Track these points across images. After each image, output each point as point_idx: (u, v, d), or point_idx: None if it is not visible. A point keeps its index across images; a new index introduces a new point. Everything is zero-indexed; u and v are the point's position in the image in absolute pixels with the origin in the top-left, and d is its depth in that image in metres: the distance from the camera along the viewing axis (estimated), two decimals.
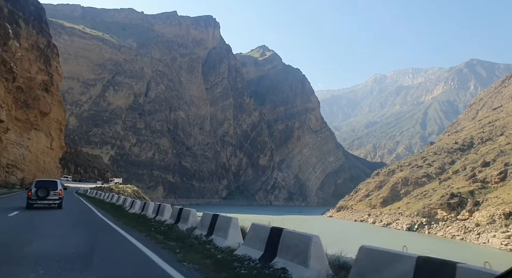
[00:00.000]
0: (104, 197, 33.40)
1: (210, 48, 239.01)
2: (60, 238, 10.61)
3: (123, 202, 24.83)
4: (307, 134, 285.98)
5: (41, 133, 60.31)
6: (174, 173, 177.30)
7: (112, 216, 17.90)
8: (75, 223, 15.19)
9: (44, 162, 61.87)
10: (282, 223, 66.55)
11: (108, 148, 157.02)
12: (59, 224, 14.97)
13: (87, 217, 18.27)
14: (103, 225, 14.52)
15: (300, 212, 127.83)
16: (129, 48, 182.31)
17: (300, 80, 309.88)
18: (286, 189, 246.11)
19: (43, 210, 18.88)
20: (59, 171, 75.72)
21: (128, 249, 9.21)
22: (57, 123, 69.71)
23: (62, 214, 18.57)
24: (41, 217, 16.28)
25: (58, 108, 68.54)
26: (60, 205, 20.32)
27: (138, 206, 19.78)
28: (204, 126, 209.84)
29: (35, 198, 19.28)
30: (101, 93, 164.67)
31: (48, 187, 19.81)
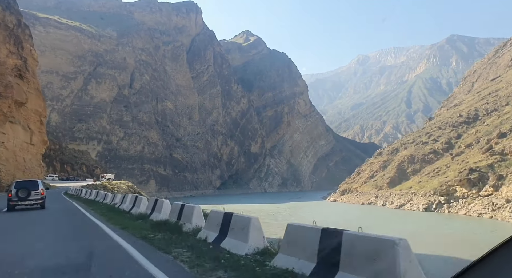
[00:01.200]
0: (113, 201, 23.26)
1: (193, 35, 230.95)
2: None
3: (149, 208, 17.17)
4: (296, 118, 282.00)
5: (18, 127, 53.23)
6: (165, 166, 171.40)
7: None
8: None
9: (24, 160, 55.22)
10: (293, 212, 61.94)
11: (95, 143, 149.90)
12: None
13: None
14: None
15: (299, 198, 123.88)
16: (109, 38, 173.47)
17: (287, 64, 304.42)
18: (279, 176, 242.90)
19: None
20: (42, 170, 68.92)
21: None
22: (36, 114, 62.02)
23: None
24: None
25: (36, 98, 61.22)
26: (43, 206, 19.69)
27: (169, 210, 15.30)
28: (193, 116, 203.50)
29: (16, 199, 18.53)
30: (83, 87, 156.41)
31: (29, 187, 19.06)
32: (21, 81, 53.17)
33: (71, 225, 13.87)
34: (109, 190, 52.77)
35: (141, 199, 17.54)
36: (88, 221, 14.64)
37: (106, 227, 12.16)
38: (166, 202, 14.04)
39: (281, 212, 64.28)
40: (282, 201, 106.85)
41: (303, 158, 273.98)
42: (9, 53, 52.81)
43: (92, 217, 15.68)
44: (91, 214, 17.03)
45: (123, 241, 9.18)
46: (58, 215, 17.78)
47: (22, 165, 54.02)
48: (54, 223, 14.58)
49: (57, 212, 19.35)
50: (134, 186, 68.52)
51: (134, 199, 18.37)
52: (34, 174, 56.06)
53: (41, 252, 8.14)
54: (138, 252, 7.72)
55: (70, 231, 12.34)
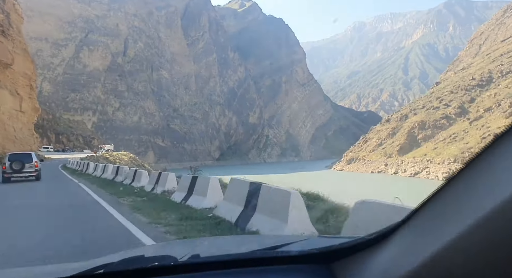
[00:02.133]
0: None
1: (187, 0, 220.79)
2: None
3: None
4: (294, 88, 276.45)
5: (5, 92, 48.06)
6: (163, 137, 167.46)
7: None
8: None
9: (14, 129, 50.16)
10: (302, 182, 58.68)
11: (90, 114, 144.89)
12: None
13: None
14: None
15: (302, 168, 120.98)
16: (100, 3, 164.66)
17: (284, 30, 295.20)
18: (278, 146, 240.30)
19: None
20: (36, 141, 63.63)
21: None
22: (25, 78, 56.19)
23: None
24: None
25: (23, 59, 55.19)
26: (38, 177, 19.66)
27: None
28: (189, 85, 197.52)
29: (10, 172, 18.75)
30: (75, 54, 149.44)
31: (23, 160, 19.20)
32: (4, 39, 46.86)
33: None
34: (111, 162, 49.03)
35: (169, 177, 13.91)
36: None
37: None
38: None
39: (294, 183, 61.00)
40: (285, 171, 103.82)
41: (302, 128, 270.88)
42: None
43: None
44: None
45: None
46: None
47: (12, 134, 48.95)
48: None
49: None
50: (135, 157, 64.82)
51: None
52: (27, 145, 51.82)
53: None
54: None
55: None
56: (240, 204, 7.17)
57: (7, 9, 52.33)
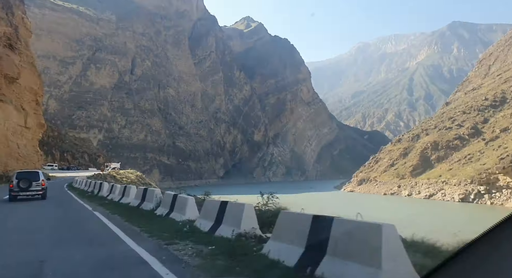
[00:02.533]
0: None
1: (194, 20, 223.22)
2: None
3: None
4: (300, 106, 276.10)
5: (9, 107, 45.81)
6: (169, 155, 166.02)
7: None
8: None
9: (17, 146, 47.55)
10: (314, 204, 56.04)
11: (95, 131, 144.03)
12: None
13: None
14: None
15: (311, 188, 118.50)
16: (108, 21, 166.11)
17: (289, 50, 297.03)
18: (283, 164, 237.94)
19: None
20: (40, 158, 60.37)
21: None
22: (31, 93, 54.11)
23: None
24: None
25: (30, 73, 53.45)
26: (44, 196, 19.86)
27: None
28: (195, 103, 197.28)
29: (17, 190, 18.89)
30: (82, 72, 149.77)
31: (30, 178, 19.35)
32: (11, 53, 45.12)
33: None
34: (118, 180, 47.33)
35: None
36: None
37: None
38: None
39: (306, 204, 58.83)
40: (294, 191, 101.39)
41: (307, 147, 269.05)
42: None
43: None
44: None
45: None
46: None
47: (16, 151, 46.52)
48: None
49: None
50: (142, 175, 63.16)
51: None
52: (30, 162, 49.93)
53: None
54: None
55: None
56: (302, 244, 5.55)
57: (16, 22, 50.91)
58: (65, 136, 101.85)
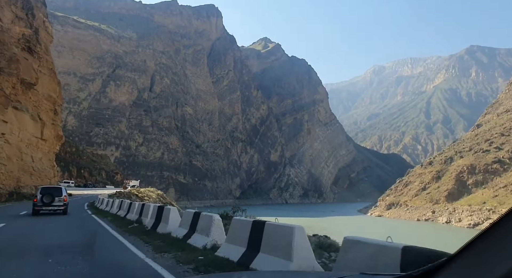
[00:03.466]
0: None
1: (213, 40, 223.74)
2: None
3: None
4: (317, 127, 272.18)
5: (25, 116, 41.32)
6: (185, 174, 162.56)
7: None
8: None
9: (32, 160, 42.25)
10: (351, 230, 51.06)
11: (113, 149, 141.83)
12: None
13: None
14: None
15: (333, 211, 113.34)
16: (129, 39, 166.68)
17: (306, 70, 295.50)
18: (300, 186, 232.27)
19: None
20: (56, 174, 54.97)
21: None
22: (50, 101, 49.19)
23: None
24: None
25: (49, 80, 48.99)
26: (65, 211, 20.10)
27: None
28: (213, 122, 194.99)
29: (40, 204, 19.30)
30: (101, 89, 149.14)
31: (53, 193, 19.76)
32: (29, 56, 41.06)
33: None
34: (140, 199, 43.65)
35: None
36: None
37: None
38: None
39: (342, 230, 54.15)
40: (316, 215, 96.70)
41: (324, 168, 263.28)
42: (15, 18, 41.71)
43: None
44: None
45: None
46: None
47: (29, 165, 41.55)
48: None
49: None
50: (163, 194, 59.46)
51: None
52: (45, 178, 45.09)
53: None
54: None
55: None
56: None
57: (36, 25, 47.18)
58: (83, 152, 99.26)
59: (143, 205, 17.73)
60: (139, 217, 16.68)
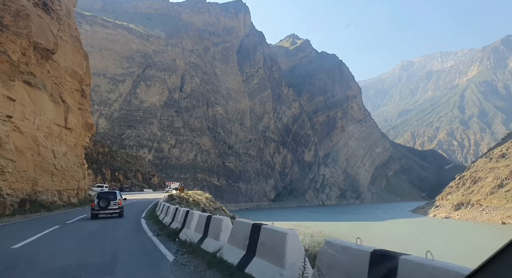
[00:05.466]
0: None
1: (242, 37, 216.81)
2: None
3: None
4: (350, 124, 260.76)
5: (42, 95, 30.56)
6: (219, 176, 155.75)
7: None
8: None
9: (53, 155, 31.51)
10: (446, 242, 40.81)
11: (145, 151, 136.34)
12: None
13: None
14: None
15: (386, 213, 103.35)
16: (158, 38, 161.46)
17: (338, 66, 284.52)
18: (336, 187, 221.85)
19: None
20: (86, 174, 43.26)
21: None
22: (75, 79, 38.44)
23: None
24: None
25: (73, 50, 38.31)
26: (120, 214, 20.43)
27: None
28: (244, 122, 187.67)
29: (98, 209, 19.92)
30: (132, 90, 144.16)
31: (108, 198, 20.30)
32: (45, 15, 31.03)
33: None
34: (192, 204, 36.15)
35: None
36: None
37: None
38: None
39: (434, 244, 44.76)
40: (369, 218, 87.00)
41: (360, 167, 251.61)
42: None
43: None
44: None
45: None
46: None
47: (50, 162, 30.54)
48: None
49: None
50: (212, 198, 52.13)
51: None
52: (71, 179, 34.79)
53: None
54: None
55: None
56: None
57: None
58: (116, 153, 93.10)
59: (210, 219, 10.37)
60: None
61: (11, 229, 15.95)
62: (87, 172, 75.65)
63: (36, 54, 29.24)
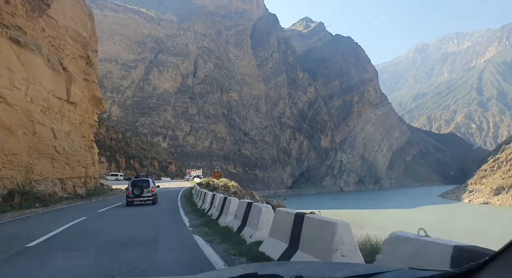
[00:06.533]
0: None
1: (255, 20, 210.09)
2: None
3: None
4: (367, 108, 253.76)
5: (37, 59, 24.30)
6: (235, 163, 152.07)
7: None
8: None
9: (53, 134, 25.43)
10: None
11: (160, 139, 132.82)
12: None
13: None
14: None
15: (414, 199, 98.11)
16: (170, 22, 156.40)
17: (353, 49, 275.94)
18: (354, 172, 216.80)
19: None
20: (96, 160, 36.48)
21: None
22: (78, 43, 32.31)
23: None
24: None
25: (75, 8, 32.66)
26: (154, 201, 20.80)
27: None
28: (259, 108, 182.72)
29: (132, 196, 20.25)
30: (144, 76, 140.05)
31: (142, 185, 20.48)
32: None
33: None
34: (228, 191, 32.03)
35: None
36: None
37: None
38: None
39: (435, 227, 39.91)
40: (398, 205, 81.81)
41: (378, 152, 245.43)
42: None
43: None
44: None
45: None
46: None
47: (49, 144, 24.58)
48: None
49: None
50: (238, 186, 48.06)
51: None
52: (77, 165, 28.76)
53: None
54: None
55: None
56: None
57: None
58: (130, 140, 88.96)
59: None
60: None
61: None
62: (100, 159, 70.67)
63: (25, 4, 22.93)
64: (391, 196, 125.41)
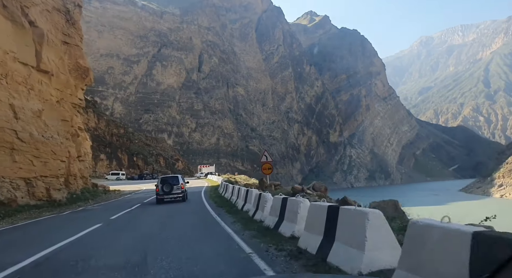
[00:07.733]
0: None
1: (259, 13, 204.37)
2: None
3: None
4: (375, 102, 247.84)
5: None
6: (243, 160, 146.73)
7: None
8: None
9: (14, 114, 18.36)
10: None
11: (165, 136, 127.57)
12: None
13: None
14: None
15: (436, 195, 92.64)
16: (172, 15, 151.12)
17: (360, 42, 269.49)
18: (364, 168, 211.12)
19: None
20: (86, 152, 29.73)
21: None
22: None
23: None
24: None
25: None
26: (184, 198, 20.61)
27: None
28: (266, 102, 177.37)
29: (162, 194, 20.01)
30: (147, 71, 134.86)
31: (171, 182, 20.35)
32: None
33: None
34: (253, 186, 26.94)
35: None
36: None
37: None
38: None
39: None
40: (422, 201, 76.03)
41: (387, 147, 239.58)
42: None
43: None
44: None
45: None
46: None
47: (6, 128, 17.63)
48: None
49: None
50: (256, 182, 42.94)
51: None
52: (55, 160, 21.40)
53: None
54: None
55: None
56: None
57: None
58: (133, 135, 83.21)
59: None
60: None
61: None
62: (99, 156, 64.26)
63: None
64: (406, 192, 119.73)
